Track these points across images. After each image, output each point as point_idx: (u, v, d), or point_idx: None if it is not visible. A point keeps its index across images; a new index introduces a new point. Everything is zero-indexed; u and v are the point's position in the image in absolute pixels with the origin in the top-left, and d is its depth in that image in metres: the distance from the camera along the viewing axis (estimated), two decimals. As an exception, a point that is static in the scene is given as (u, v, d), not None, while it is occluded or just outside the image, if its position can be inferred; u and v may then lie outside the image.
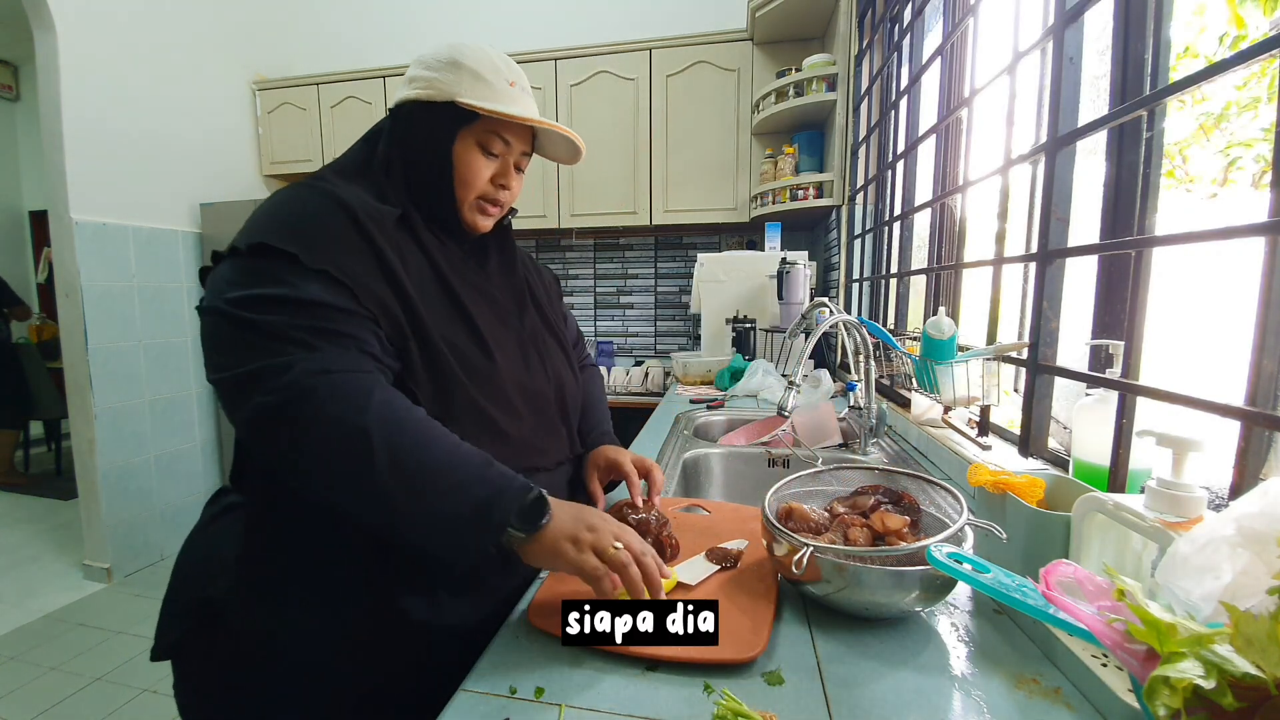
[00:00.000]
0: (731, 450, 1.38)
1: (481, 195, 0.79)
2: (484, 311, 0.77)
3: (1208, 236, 0.65)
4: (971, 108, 1.30)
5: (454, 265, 0.77)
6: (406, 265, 0.70)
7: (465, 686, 0.54)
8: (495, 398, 0.73)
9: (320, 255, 0.63)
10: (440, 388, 0.68)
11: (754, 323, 2.35)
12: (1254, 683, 0.32)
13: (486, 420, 0.71)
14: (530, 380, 0.79)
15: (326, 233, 0.65)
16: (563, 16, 3.16)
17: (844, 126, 2.33)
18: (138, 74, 2.77)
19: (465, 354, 0.71)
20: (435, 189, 0.76)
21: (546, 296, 0.94)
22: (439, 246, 0.76)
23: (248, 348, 0.59)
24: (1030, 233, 1.14)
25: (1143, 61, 0.84)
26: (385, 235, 0.69)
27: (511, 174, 0.81)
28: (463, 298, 0.74)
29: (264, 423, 0.58)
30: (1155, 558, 0.54)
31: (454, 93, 0.74)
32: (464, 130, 0.76)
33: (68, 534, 3.11)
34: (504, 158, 0.79)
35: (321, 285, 0.62)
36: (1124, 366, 0.78)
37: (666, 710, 0.50)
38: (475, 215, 0.80)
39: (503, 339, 0.78)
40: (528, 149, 0.83)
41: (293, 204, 0.68)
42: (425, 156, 0.76)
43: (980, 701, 0.51)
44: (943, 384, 1.15)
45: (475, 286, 0.78)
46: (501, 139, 0.78)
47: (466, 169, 0.76)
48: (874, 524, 0.68)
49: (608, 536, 0.61)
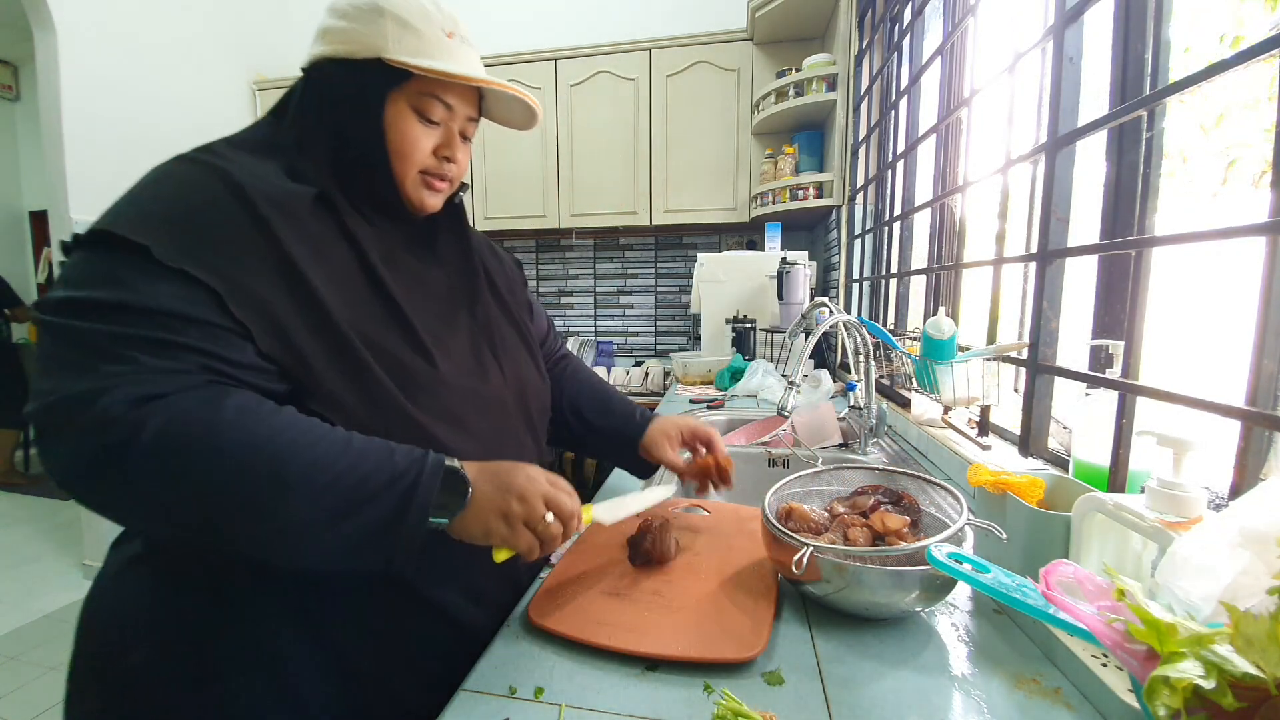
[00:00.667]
0: (731, 450, 1.37)
1: (424, 170, 0.67)
2: (425, 306, 0.66)
3: (1208, 236, 0.65)
4: (971, 108, 1.30)
5: (390, 254, 0.66)
6: (323, 258, 0.59)
7: (465, 686, 0.54)
8: (437, 409, 0.62)
9: (181, 249, 0.51)
10: (366, 404, 0.57)
11: (754, 323, 2.36)
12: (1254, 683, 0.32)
13: (427, 438, 0.59)
14: (484, 385, 0.69)
15: (197, 220, 0.53)
16: (563, 16, 3.16)
17: (844, 126, 2.33)
18: (138, 74, 2.77)
19: (398, 360, 0.60)
20: (367, 165, 0.64)
21: (508, 284, 0.82)
22: (372, 233, 0.65)
23: (59, 367, 0.48)
24: (1030, 233, 1.14)
25: (1143, 61, 0.85)
26: (291, 222, 0.57)
27: (457, 143, 0.68)
28: (396, 293, 0.63)
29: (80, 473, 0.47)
30: (1155, 558, 0.54)
31: (379, 47, 0.61)
32: (394, 93, 0.63)
33: (68, 534, 3.11)
34: (446, 125, 0.67)
35: (175, 287, 0.50)
36: (1124, 366, 0.78)
37: (666, 710, 0.50)
38: (421, 192, 0.68)
39: (448, 338, 0.67)
40: (474, 113, 0.70)
41: (160, 183, 0.56)
42: (351, 127, 0.63)
43: (980, 701, 0.51)
44: (943, 384, 1.15)
45: (415, 276, 0.68)
46: (441, 103, 0.65)
47: (402, 139, 0.64)
48: (874, 524, 0.68)
49: (538, 505, 0.55)
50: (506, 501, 0.55)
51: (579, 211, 2.98)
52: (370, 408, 0.57)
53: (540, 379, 0.80)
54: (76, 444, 0.46)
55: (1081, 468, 0.80)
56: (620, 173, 2.91)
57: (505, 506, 0.55)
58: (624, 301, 3.37)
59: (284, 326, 0.54)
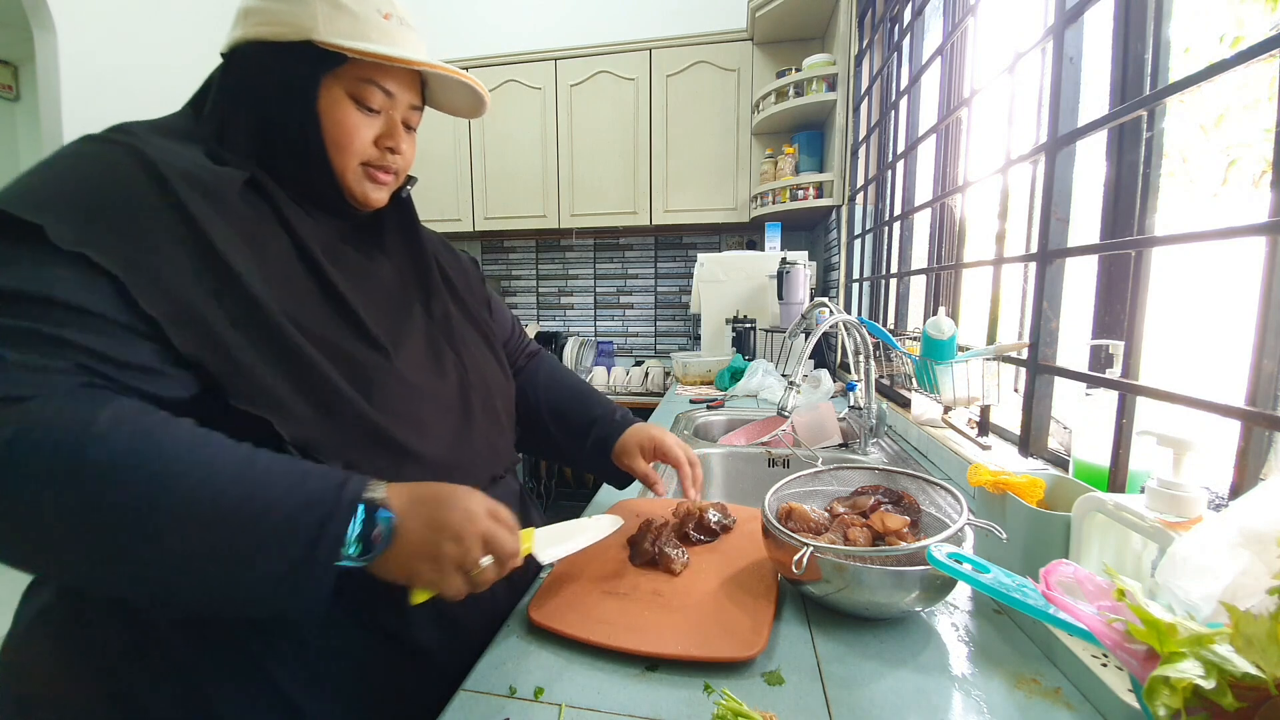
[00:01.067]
0: (731, 450, 1.38)
1: (366, 161, 0.62)
2: (375, 300, 0.61)
3: (1208, 236, 0.65)
4: (971, 108, 1.30)
5: (332, 246, 0.61)
6: (254, 245, 0.53)
7: (465, 686, 0.54)
8: (394, 407, 0.56)
9: (80, 230, 0.45)
10: (311, 403, 0.51)
11: (754, 323, 2.36)
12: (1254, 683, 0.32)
13: (383, 438, 0.55)
14: (443, 382, 0.64)
15: (102, 199, 0.47)
16: (563, 16, 3.16)
17: (844, 126, 2.33)
18: (138, 74, 2.78)
19: (347, 354, 0.55)
20: (302, 157, 0.59)
21: (465, 282, 0.78)
22: (311, 225, 0.60)
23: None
24: (1030, 233, 1.14)
25: (1143, 61, 0.85)
26: (215, 204, 0.52)
27: (400, 133, 0.63)
28: (341, 286, 0.58)
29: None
30: (1155, 558, 0.54)
31: (308, 28, 0.56)
32: (328, 78, 0.58)
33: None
34: (387, 113, 0.62)
35: (68, 273, 0.44)
36: (1124, 366, 0.78)
37: (666, 710, 0.50)
38: (364, 185, 0.63)
39: (401, 333, 0.62)
40: (417, 101, 0.65)
41: (63, 160, 0.50)
42: (282, 116, 0.58)
43: (980, 701, 0.51)
44: (943, 384, 1.15)
45: (362, 270, 0.63)
46: (381, 89, 0.60)
47: (340, 129, 0.59)
48: (874, 524, 0.68)
49: (475, 548, 0.49)
50: (438, 543, 0.48)
51: (579, 211, 2.98)
52: (315, 407, 0.51)
53: (504, 377, 0.76)
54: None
55: (1081, 468, 0.80)
56: (620, 173, 2.91)
57: (436, 549, 0.48)
58: (624, 301, 3.37)
59: (203, 318, 0.48)
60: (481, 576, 0.50)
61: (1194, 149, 0.86)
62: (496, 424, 0.71)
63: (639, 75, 2.84)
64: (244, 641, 0.52)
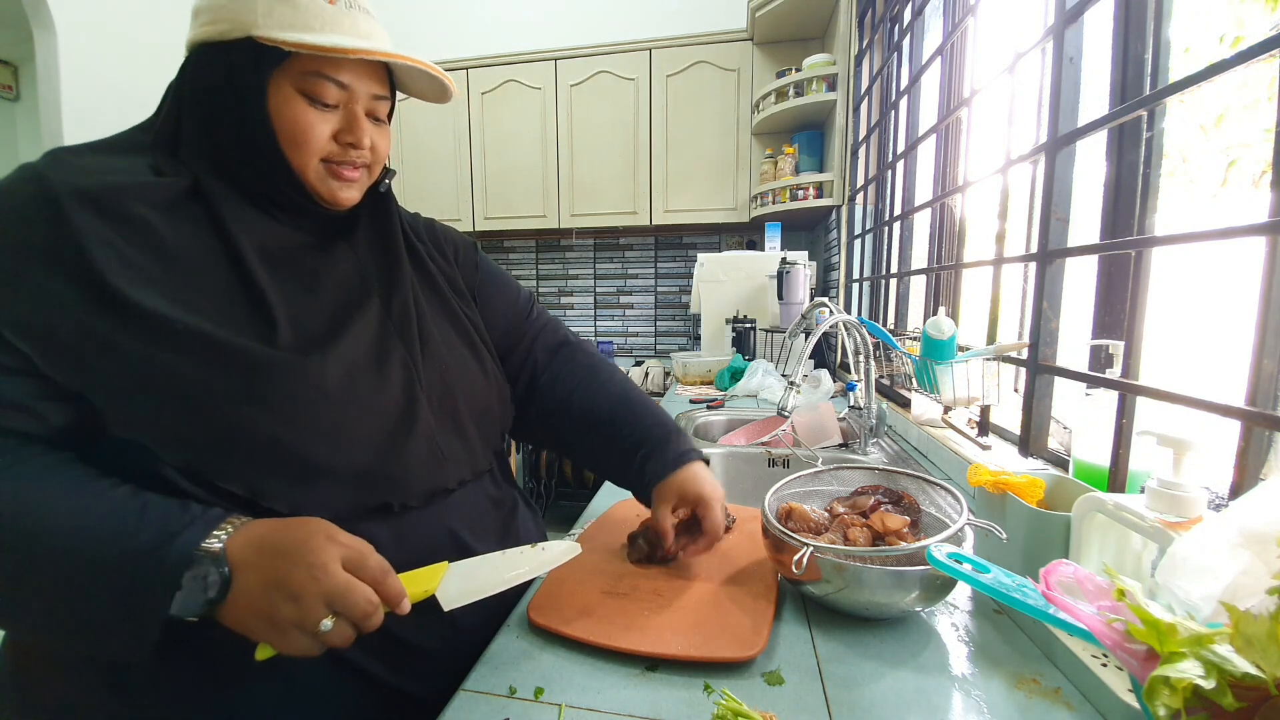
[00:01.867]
0: (731, 450, 1.38)
1: (326, 158, 0.59)
2: (310, 304, 0.58)
3: (1208, 236, 0.65)
4: (971, 108, 1.30)
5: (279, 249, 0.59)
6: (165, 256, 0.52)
7: (465, 686, 0.54)
8: (304, 417, 0.53)
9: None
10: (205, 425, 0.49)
11: (754, 323, 2.36)
12: (1254, 683, 0.32)
13: (285, 453, 0.51)
14: (381, 384, 0.59)
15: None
16: (563, 16, 3.16)
17: (844, 126, 2.33)
18: (138, 74, 2.78)
19: (256, 365, 0.51)
20: (258, 159, 0.57)
21: (449, 271, 0.74)
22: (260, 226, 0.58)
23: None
24: (1030, 233, 1.14)
25: (1143, 61, 0.85)
26: (116, 221, 0.50)
27: (362, 126, 0.59)
28: (268, 291, 0.55)
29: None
30: (1155, 558, 0.54)
31: (248, 24, 0.53)
32: (276, 74, 0.55)
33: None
34: (346, 107, 0.59)
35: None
36: (1124, 366, 0.78)
37: (666, 710, 0.50)
38: (329, 184, 0.60)
39: (336, 336, 0.58)
40: (380, 89, 0.61)
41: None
42: (231, 118, 0.56)
43: (980, 701, 0.51)
44: (943, 384, 1.15)
45: (308, 271, 0.60)
46: (333, 82, 0.56)
47: (293, 127, 0.56)
48: (874, 524, 0.68)
49: (316, 608, 0.44)
50: (273, 602, 0.44)
51: (579, 211, 2.98)
52: (204, 428, 0.49)
53: (480, 376, 0.70)
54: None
55: (1081, 468, 0.80)
56: (620, 173, 2.91)
57: (271, 608, 0.44)
58: (624, 301, 3.37)
59: (73, 347, 0.47)
60: (327, 639, 0.45)
61: (1194, 149, 0.86)
62: (455, 428, 0.65)
63: (639, 75, 2.84)
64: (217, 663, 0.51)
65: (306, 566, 0.45)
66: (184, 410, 0.49)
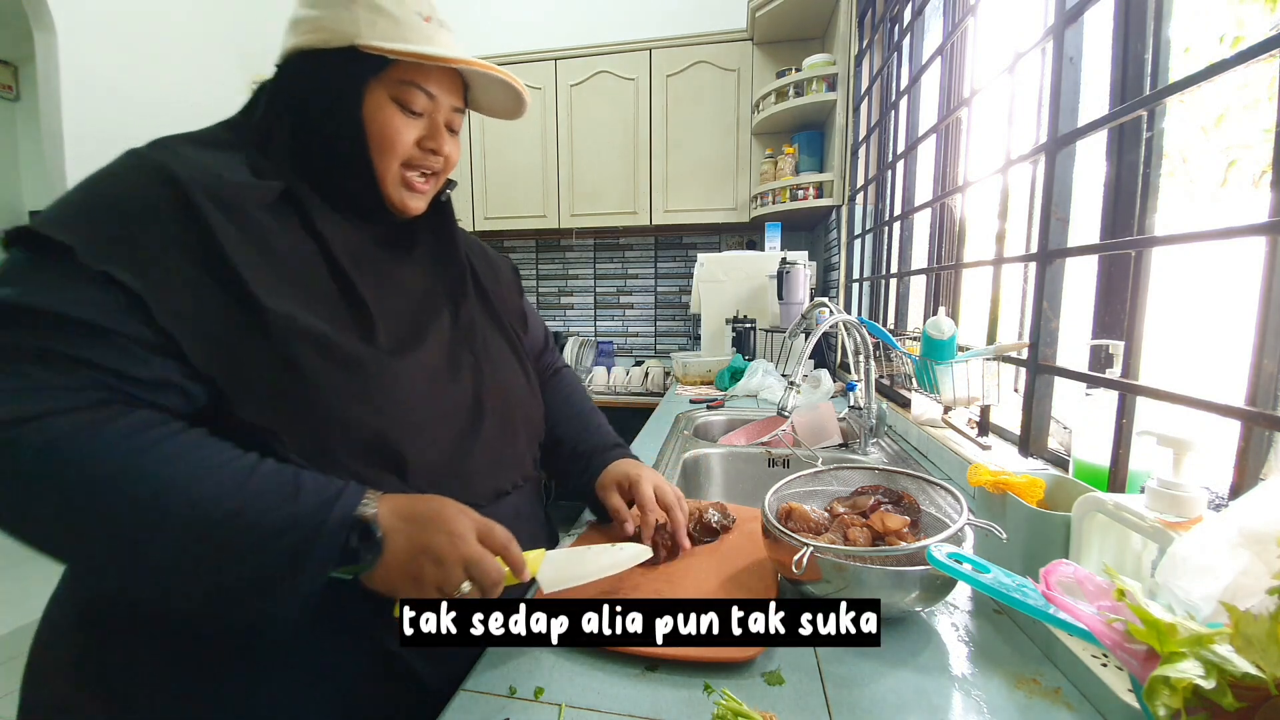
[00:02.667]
0: (731, 450, 1.38)
1: (407, 163, 0.63)
2: (395, 306, 0.62)
3: (1208, 236, 0.65)
4: (971, 108, 1.30)
5: (362, 251, 0.62)
6: (272, 255, 0.55)
7: (465, 686, 0.54)
8: (394, 413, 0.57)
9: (104, 248, 0.47)
10: (305, 409, 0.53)
11: (754, 323, 2.36)
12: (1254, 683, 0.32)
13: (379, 444, 0.55)
14: (454, 389, 0.63)
15: (125, 217, 0.50)
16: (563, 16, 3.17)
17: (844, 126, 2.33)
18: (138, 74, 2.78)
19: (355, 361, 0.55)
20: (345, 162, 0.61)
21: (499, 291, 0.78)
22: (344, 230, 0.62)
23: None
24: (1030, 233, 1.14)
25: (1143, 61, 0.85)
26: (233, 216, 0.53)
27: (443, 135, 0.64)
28: (363, 292, 0.59)
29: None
30: (1155, 558, 0.54)
31: (351, 34, 0.57)
32: (373, 82, 0.59)
33: (68, 534, 3.10)
34: (430, 115, 0.63)
35: (91, 292, 0.47)
36: (1124, 366, 0.78)
37: (666, 710, 0.50)
38: (402, 192, 0.64)
39: (419, 339, 0.63)
40: (459, 103, 0.66)
41: (99, 181, 0.53)
42: (328, 121, 0.59)
43: (980, 701, 0.51)
44: (943, 384, 1.15)
45: (388, 276, 0.64)
46: (423, 91, 0.61)
47: (383, 132, 0.60)
48: (874, 524, 0.68)
49: (456, 572, 0.50)
50: (420, 564, 0.50)
51: (579, 211, 2.98)
52: (316, 418, 0.53)
53: (529, 390, 0.76)
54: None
55: (1081, 468, 0.80)
56: (620, 173, 2.91)
57: (418, 570, 0.50)
58: (624, 301, 3.37)
59: (213, 333, 0.50)
60: (457, 595, 0.51)
61: (1194, 149, 0.86)
62: (510, 436, 0.69)
63: (639, 75, 2.84)
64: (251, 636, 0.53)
65: (448, 534, 0.51)
66: (301, 403, 0.52)
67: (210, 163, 0.56)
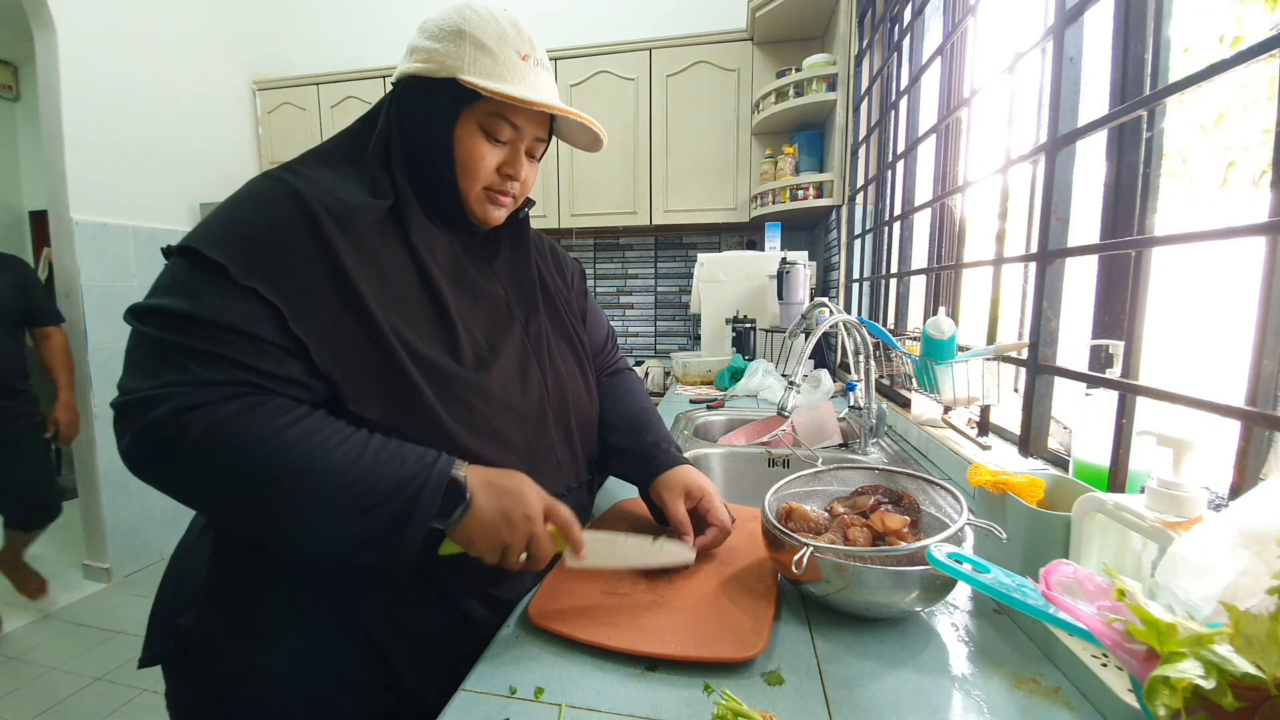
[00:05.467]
0: (731, 450, 1.38)
1: (487, 186, 0.70)
2: (478, 318, 0.70)
3: (1208, 236, 0.65)
4: (971, 108, 1.30)
5: (453, 264, 0.70)
6: (380, 271, 0.63)
7: (465, 686, 0.54)
8: (475, 422, 0.65)
9: (252, 268, 0.57)
10: (405, 413, 0.61)
11: (754, 323, 2.36)
12: (1254, 683, 0.32)
13: (461, 450, 0.63)
14: (525, 398, 0.71)
15: (269, 240, 0.59)
16: (563, 16, 3.16)
17: (844, 126, 2.33)
18: (138, 74, 2.78)
19: (443, 372, 0.63)
20: (435, 178, 0.69)
21: (565, 294, 0.85)
22: (436, 243, 0.69)
23: (138, 369, 0.56)
24: (1030, 233, 1.14)
25: (1143, 61, 0.85)
26: (352, 238, 0.62)
27: (521, 163, 0.72)
28: (451, 306, 0.67)
29: (139, 465, 0.55)
30: (1155, 558, 0.54)
31: (455, 68, 0.65)
32: (466, 112, 0.67)
33: (68, 534, 3.10)
34: (513, 144, 0.71)
35: (241, 305, 0.56)
36: (1124, 366, 0.78)
37: (666, 710, 0.50)
38: (484, 207, 0.72)
39: (497, 351, 0.70)
40: (543, 134, 0.73)
41: (243, 203, 0.62)
42: (424, 141, 0.68)
43: (980, 701, 0.51)
44: (943, 384, 1.15)
45: (474, 288, 0.72)
46: (509, 123, 0.69)
47: (468, 157, 0.68)
48: (874, 524, 0.68)
49: (521, 542, 0.61)
50: (497, 527, 0.60)
51: (579, 211, 2.98)
52: (408, 416, 0.61)
53: (587, 395, 0.82)
54: (137, 439, 0.54)
55: (1081, 468, 0.80)
56: (620, 173, 2.91)
57: (495, 531, 0.60)
58: (624, 301, 3.37)
59: (339, 344, 0.59)
60: (515, 566, 0.61)
61: (1194, 149, 0.86)
62: (569, 443, 0.76)
63: (639, 75, 2.84)
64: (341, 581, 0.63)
65: (522, 505, 0.61)
66: (397, 406, 0.61)
67: (331, 183, 0.64)
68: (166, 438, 0.53)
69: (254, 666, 0.63)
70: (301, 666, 0.63)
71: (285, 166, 0.66)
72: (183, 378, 0.54)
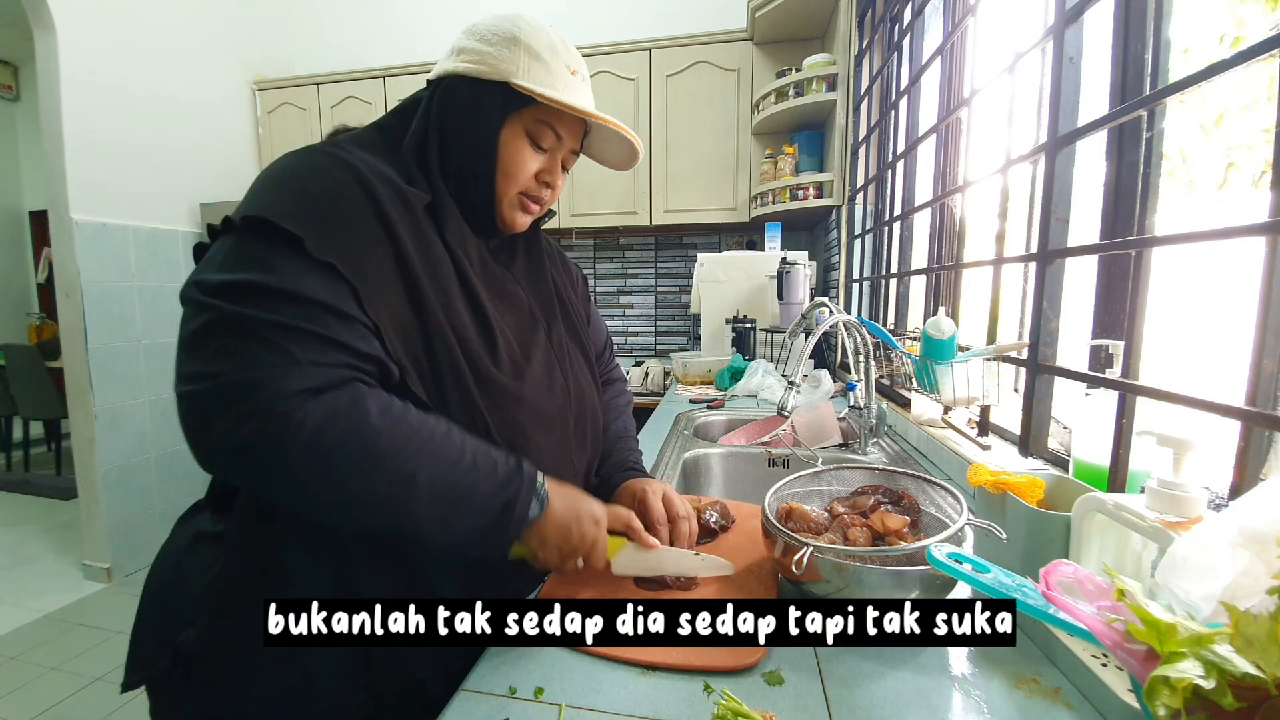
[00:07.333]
0: (731, 450, 1.38)
1: (524, 191, 0.71)
2: (509, 322, 0.70)
3: (1208, 236, 0.65)
4: (971, 108, 1.30)
5: (484, 267, 0.70)
6: (430, 263, 0.62)
7: (465, 686, 0.54)
8: (510, 425, 0.65)
9: (329, 243, 0.54)
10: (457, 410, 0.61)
11: (754, 323, 2.36)
12: (1254, 683, 0.32)
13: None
14: (551, 405, 0.71)
15: (340, 215, 0.56)
16: (563, 16, 3.16)
17: (844, 126, 2.33)
18: (138, 74, 2.77)
19: (486, 374, 0.63)
20: (473, 178, 0.68)
21: (575, 300, 0.86)
22: (469, 243, 0.68)
23: (217, 351, 0.49)
24: (1030, 233, 1.14)
25: (1143, 62, 0.85)
26: (409, 224, 0.60)
27: (559, 171, 0.73)
28: (489, 311, 0.66)
29: (234, 457, 0.50)
30: (1155, 558, 0.54)
31: (509, 72, 0.65)
32: (513, 116, 0.67)
33: (68, 534, 3.11)
34: (553, 153, 0.71)
35: (322, 280, 0.53)
36: (1124, 366, 0.78)
37: (666, 710, 0.50)
38: (515, 212, 0.71)
39: (528, 356, 0.70)
40: (577, 146, 0.75)
41: (306, 173, 0.58)
42: (467, 140, 0.67)
43: (980, 701, 0.51)
44: (943, 384, 1.15)
45: (503, 290, 0.72)
46: (554, 132, 0.70)
47: (512, 161, 0.68)
48: (874, 524, 0.68)
49: (582, 547, 0.63)
50: (566, 532, 0.62)
51: (579, 211, 2.98)
52: (459, 414, 0.61)
53: (599, 401, 0.83)
54: (233, 429, 0.48)
55: (1081, 468, 0.80)
56: (620, 172, 2.91)
57: (564, 535, 0.62)
58: (624, 301, 3.37)
59: (406, 330, 0.58)
60: (569, 567, 0.64)
61: (1194, 149, 0.86)
62: (584, 447, 0.78)
63: (639, 75, 2.84)
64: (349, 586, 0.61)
65: (590, 517, 0.64)
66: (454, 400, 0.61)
67: (381, 167, 0.62)
68: (279, 429, 0.48)
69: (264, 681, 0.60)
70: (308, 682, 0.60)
71: (330, 143, 0.63)
72: (283, 360, 0.50)
